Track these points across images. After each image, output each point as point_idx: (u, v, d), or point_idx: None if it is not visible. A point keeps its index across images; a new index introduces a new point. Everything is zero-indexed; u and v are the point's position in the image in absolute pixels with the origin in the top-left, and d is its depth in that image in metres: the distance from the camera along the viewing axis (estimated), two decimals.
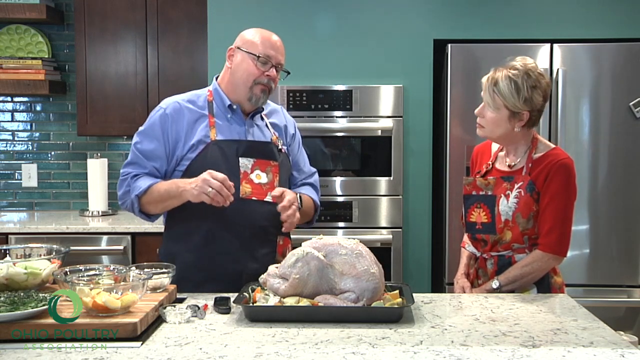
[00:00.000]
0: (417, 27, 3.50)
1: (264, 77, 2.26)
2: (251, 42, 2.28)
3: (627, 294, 3.41)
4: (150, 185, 2.22)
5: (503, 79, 2.16)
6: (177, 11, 3.82)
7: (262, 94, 2.28)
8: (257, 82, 2.26)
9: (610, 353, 1.56)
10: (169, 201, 2.22)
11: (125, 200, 2.28)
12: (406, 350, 1.57)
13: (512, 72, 2.15)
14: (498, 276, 2.21)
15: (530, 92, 2.15)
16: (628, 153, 3.40)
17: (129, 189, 2.25)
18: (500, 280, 2.19)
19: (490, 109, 2.19)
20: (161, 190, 2.21)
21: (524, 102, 2.15)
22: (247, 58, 2.26)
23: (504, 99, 2.16)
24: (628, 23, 3.45)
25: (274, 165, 2.31)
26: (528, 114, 2.18)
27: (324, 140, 3.51)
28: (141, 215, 2.29)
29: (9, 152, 4.21)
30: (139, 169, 2.27)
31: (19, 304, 1.66)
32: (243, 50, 2.27)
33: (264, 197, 2.27)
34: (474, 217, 2.28)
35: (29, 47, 4.01)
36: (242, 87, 2.28)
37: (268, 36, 2.30)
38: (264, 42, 2.27)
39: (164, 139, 2.26)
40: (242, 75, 2.27)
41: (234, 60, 2.30)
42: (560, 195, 2.16)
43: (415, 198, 3.54)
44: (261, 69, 2.26)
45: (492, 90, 2.18)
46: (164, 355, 1.53)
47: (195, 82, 3.64)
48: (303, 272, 1.85)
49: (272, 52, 2.26)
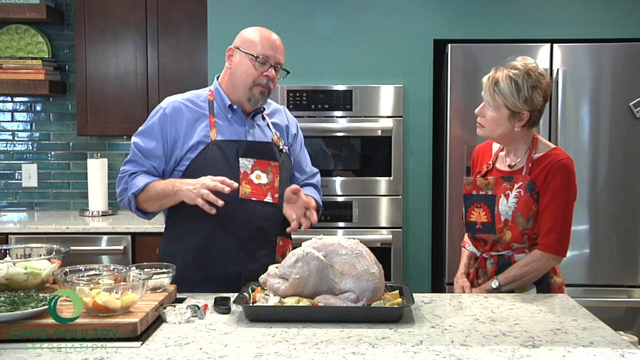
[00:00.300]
0: (417, 27, 3.50)
1: (263, 78, 2.25)
2: (250, 41, 2.26)
3: (627, 294, 3.41)
4: (147, 184, 2.22)
5: (504, 79, 2.16)
6: (177, 11, 3.82)
7: (261, 95, 2.28)
8: (256, 83, 2.26)
9: (610, 353, 1.56)
10: (164, 200, 2.22)
11: (123, 197, 2.29)
12: (406, 350, 1.57)
13: (513, 72, 2.16)
14: (497, 276, 2.21)
15: (530, 92, 2.15)
16: (628, 153, 3.39)
17: (127, 186, 2.26)
18: (500, 280, 2.19)
19: (491, 108, 2.20)
20: (157, 189, 2.21)
21: (524, 101, 2.16)
22: (246, 58, 2.25)
23: (504, 99, 2.16)
24: (628, 23, 3.45)
25: (274, 166, 2.31)
26: (528, 113, 2.18)
27: (324, 140, 3.51)
28: (138, 212, 2.30)
29: (9, 152, 4.21)
30: (137, 167, 2.27)
31: (19, 304, 1.66)
32: (241, 51, 2.26)
33: (263, 197, 2.27)
34: (474, 216, 2.28)
35: (29, 47, 4.01)
36: (241, 87, 2.28)
37: (267, 35, 2.29)
38: (262, 42, 2.26)
39: (163, 138, 2.26)
40: (241, 76, 2.27)
41: (233, 60, 2.29)
42: (560, 195, 2.17)
43: (415, 198, 3.54)
44: (260, 70, 2.25)
45: (492, 90, 2.18)
46: (164, 355, 1.53)
47: (195, 82, 3.65)
48: (303, 272, 1.85)
49: (270, 52, 2.26)
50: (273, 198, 2.29)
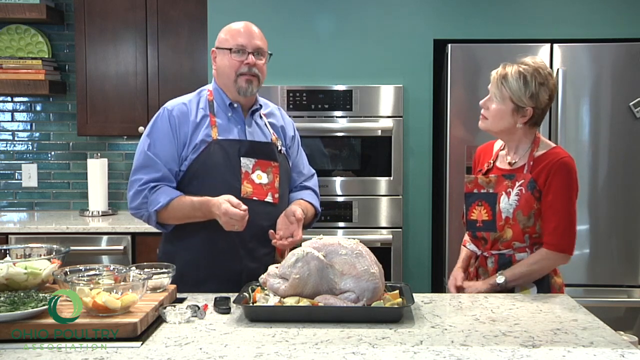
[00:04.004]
0: (417, 27, 3.50)
1: (244, 67, 2.27)
2: (223, 38, 2.31)
3: (627, 294, 3.41)
4: (170, 201, 2.20)
5: (513, 73, 2.19)
6: (177, 11, 3.82)
7: (247, 84, 2.28)
8: (239, 73, 2.27)
9: (610, 353, 1.56)
10: (194, 218, 2.20)
11: (140, 211, 2.25)
12: (406, 350, 1.57)
13: (523, 67, 2.19)
14: (503, 271, 2.20)
15: (537, 88, 2.17)
16: (628, 153, 3.40)
17: (147, 201, 2.22)
18: (507, 276, 2.18)
19: (496, 100, 2.21)
20: (185, 208, 2.19)
21: (530, 97, 2.17)
22: (224, 55, 2.29)
23: (511, 92, 2.18)
24: (628, 23, 3.45)
25: (274, 166, 2.31)
26: (532, 110, 2.19)
27: (324, 140, 3.51)
28: (157, 226, 2.28)
29: (9, 152, 4.21)
30: (152, 173, 2.23)
31: (19, 304, 1.66)
32: (219, 48, 2.31)
33: (264, 197, 2.27)
34: (474, 214, 2.28)
35: (29, 47, 4.01)
36: (229, 83, 2.30)
37: (237, 27, 2.31)
38: (232, 34, 2.29)
39: (175, 140, 2.25)
40: (224, 71, 2.30)
41: (217, 61, 2.33)
42: (563, 193, 2.16)
43: (415, 198, 3.54)
44: (238, 60, 2.27)
45: (500, 83, 2.21)
46: (164, 355, 1.53)
47: (195, 82, 3.64)
48: (303, 272, 1.85)
49: (243, 40, 2.27)
50: (273, 198, 2.29)
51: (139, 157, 2.27)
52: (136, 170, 2.26)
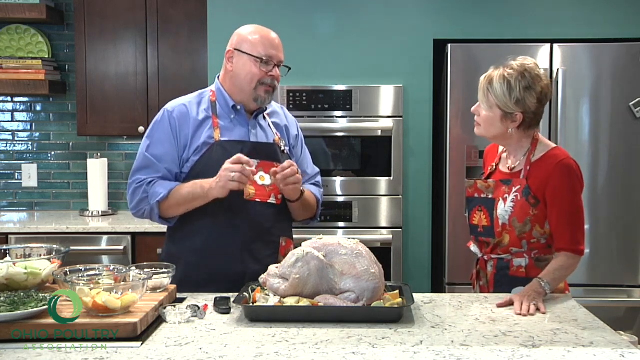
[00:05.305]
0: (417, 27, 3.50)
1: (268, 78, 2.25)
2: (250, 42, 2.25)
3: (627, 294, 3.41)
4: (170, 190, 2.20)
5: (498, 78, 2.14)
6: (177, 11, 3.82)
7: (266, 94, 2.27)
8: (262, 82, 2.24)
9: (610, 353, 1.56)
10: (193, 202, 2.19)
11: (141, 207, 2.24)
12: (406, 350, 1.57)
13: (508, 72, 2.13)
14: (545, 279, 2.06)
15: (522, 93, 2.11)
16: (628, 153, 3.40)
17: (146, 195, 2.21)
18: (551, 285, 2.06)
19: (484, 107, 2.18)
20: (183, 194, 2.19)
21: (515, 102, 2.12)
22: (249, 60, 2.24)
23: (496, 99, 2.13)
24: (628, 23, 3.45)
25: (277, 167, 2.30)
26: (521, 115, 2.14)
27: (324, 140, 3.51)
28: (160, 220, 2.27)
29: (9, 152, 4.21)
30: (151, 174, 2.23)
31: (19, 304, 1.66)
32: (244, 52, 2.25)
33: (267, 198, 2.26)
34: (476, 219, 2.27)
35: (29, 47, 4.01)
36: (246, 89, 2.26)
37: (267, 35, 2.27)
38: (264, 43, 2.24)
39: (175, 141, 2.24)
40: (245, 77, 2.25)
41: (235, 62, 2.27)
42: (563, 195, 2.12)
43: (415, 198, 3.54)
44: (264, 70, 2.24)
45: (486, 89, 2.16)
46: (164, 355, 1.53)
47: (195, 82, 3.64)
48: (303, 272, 1.85)
49: (273, 52, 2.25)
50: (276, 199, 2.28)
51: (139, 159, 2.27)
52: (135, 171, 2.26)
